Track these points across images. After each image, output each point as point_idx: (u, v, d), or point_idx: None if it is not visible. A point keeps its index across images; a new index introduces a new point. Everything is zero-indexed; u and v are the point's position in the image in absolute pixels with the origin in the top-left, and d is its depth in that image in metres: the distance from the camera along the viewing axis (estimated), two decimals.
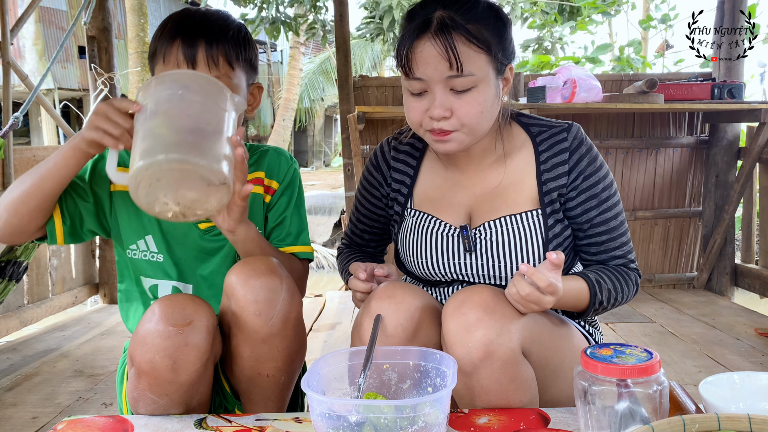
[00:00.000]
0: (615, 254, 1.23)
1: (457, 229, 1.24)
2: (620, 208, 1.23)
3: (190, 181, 1.00)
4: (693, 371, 2.45)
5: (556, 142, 1.22)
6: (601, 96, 3.27)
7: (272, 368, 1.16)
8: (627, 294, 1.22)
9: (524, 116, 1.29)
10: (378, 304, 1.10)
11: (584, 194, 1.21)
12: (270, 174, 1.34)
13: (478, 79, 1.11)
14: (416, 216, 1.29)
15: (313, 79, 17.69)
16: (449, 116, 1.12)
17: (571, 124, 1.23)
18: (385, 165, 1.35)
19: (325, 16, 7.93)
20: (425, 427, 0.85)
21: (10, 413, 2.13)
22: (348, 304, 3.69)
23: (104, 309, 3.68)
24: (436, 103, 1.11)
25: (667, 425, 0.74)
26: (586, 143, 1.22)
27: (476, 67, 1.10)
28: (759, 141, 3.42)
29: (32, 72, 11.00)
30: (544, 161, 1.22)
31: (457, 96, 1.11)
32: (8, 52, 3.06)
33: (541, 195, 1.22)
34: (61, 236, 1.23)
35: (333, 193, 10.30)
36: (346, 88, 3.66)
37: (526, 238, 1.20)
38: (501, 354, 1.01)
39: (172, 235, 1.30)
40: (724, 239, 3.72)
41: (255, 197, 1.34)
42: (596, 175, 1.21)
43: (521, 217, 1.21)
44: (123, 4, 12.92)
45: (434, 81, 1.11)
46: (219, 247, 1.32)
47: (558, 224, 1.22)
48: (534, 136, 1.24)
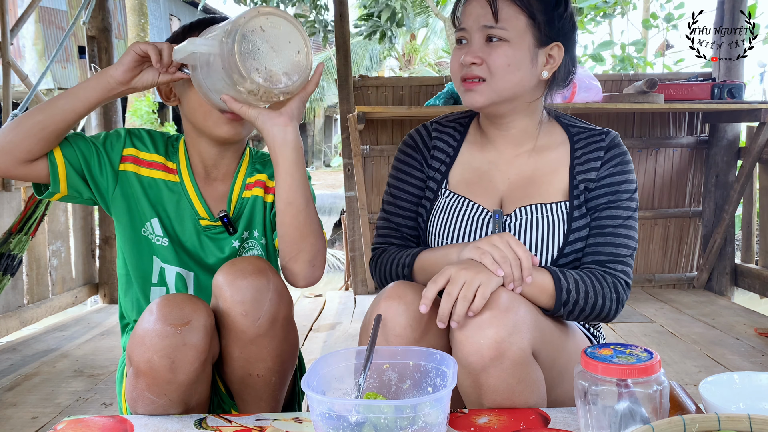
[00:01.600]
0: (599, 258, 1.20)
1: (489, 213, 1.25)
2: (633, 217, 1.22)
3: (286, 44, 1.08)
4: (693, 371, 2.45)
5: (592, 141, 1.27)
6: (601, 96, 3.27)
7: (262, 369, 1.15)
8: (602, 294, 1.15)
9: (566, 117, 1.34)
10: (387, 303, 1.10)
11: (605, 188, 1.23)
12: (272, 176, 1.34)
13: (512, 35, 1.18)
14: (450, 197, 1.29)
15: None
16: (479, 63, 1.19)
17: (610, 130, 1.28)
18: (425, 146, 1.35)
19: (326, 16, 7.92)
20: (425, 427, 0.85)
21: (10, 413, 2.13)
22: (348, 304, 3.69)
23: (104, 309, 3.68)
24: (470, 49, 1.20)
25: (667, 425, 0.74)
26: (621, 147, 1.26)
27: (512, 24, 1.18)
28: (759, 141, 3.42)
29: (32, 72, 11.00)
30: (579, 157, 1.26)
31: (490, 46, 1.19)
32: (8, 52, 3.06)
33: (571, 188, 1.24)
34: (64, 182, 1.21)
35: (333, 193, 10.29)
36: (346, 88, 3.66)
37: (551, 228, 1.22)
38: (512, 353, 1.00)
39: (174, 220, 1.31)
40: (724, 239, 3.72)
41: (256, 199, 1.34)
42: (623, 176, 1.24)
43: (551, 207, 1.23)
44: (123, 4, 12.92)
45: (473, 30, 1.20)
46: (219, 243, 1.32)
47: (582, 218, 1.23)
48: (572, 135, 1.29)
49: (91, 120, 3.56)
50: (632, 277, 1.23)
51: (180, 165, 1.32)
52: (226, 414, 1.11)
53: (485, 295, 1.02)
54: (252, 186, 1.34)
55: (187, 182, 1.32)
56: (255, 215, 1.33)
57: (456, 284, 1.03)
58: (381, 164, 3.79)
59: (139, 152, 1.30)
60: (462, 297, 1.02)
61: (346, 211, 3.86)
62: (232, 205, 1.34)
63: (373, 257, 1.35)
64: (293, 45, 1.09)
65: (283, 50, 1.09)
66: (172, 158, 1.33)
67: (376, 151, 3.74)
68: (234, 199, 1.34)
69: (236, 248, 1.34)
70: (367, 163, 3.74)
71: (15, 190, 3.11)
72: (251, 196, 1.34)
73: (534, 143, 1.29)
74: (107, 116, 3.65)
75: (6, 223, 3.05)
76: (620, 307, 1.19)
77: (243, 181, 1.34)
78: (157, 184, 1.31)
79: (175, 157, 1.33)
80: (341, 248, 8.63)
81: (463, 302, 1.02)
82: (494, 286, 1.04)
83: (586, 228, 1.23)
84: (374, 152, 3.73)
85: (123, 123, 4.44)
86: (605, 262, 1.20)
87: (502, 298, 1.03)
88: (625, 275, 1.20)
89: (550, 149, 1.28)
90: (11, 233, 2.62)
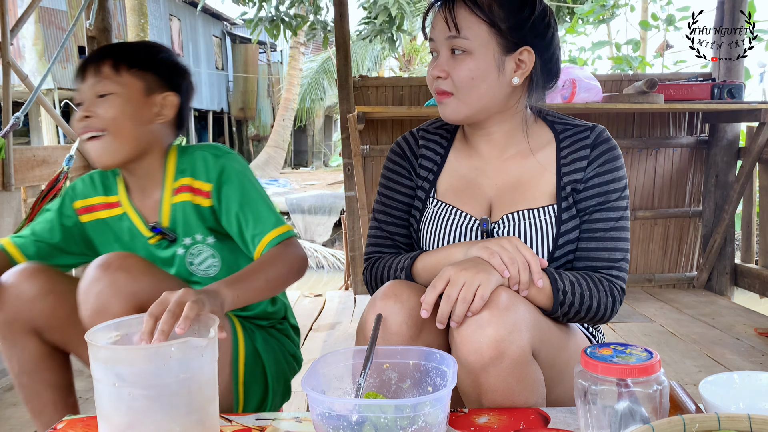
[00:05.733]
0: (593, 264, 1.19)
1: (477, 222, 1.24)
2: (624, 217, 1.21)
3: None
4: (693, 371, 2.45)
5: (578, 140, 1.24)
6: (600, 96, 3.27)
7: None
8: (598, 297, 1.15)
9: (551, 114, 1.31)
10: (383, 302, 1.10)
11: (593, 189, 1.21)
12: (197, 176, 1.33)
13: (474, 46, 1.16)
14: (438, 206, 1.28)
15: (316, 79, 17.70)
16: (445, 77, 1.19)
17: (596, 125, 1.25)
18: (412, 154, 1.34)
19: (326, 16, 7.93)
20: (425, 427, 0.85)
21: (10, 413, 2.13)
22: (348, 304, 3.69)
23: None
24: (437, 63, 1.20)
25: (667, 425, 0.74)
26: (609, 143, 1.23)
27: (473, 34, 1.16)
28: (759, 141, 3.42)
29: (32, 72, 11.00)
30: (565, 156, 1.24)
31: (454, 59, 1.18)
32: (8, 52, 3.06)
33: (558, 190, 1.22)
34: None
35: (333, 193, 10.29)
36: (346, 88, 3.66)
37: (540, 233, 1.20)
38: (511, 353, 1.00)
39: (130, 247, 1.37)
40: (724, 239, 3.72)
41: (185, 205, 1.33)
42: (611, 174, 1.21)
43: (538, 212, 1.21)
44: (123, 4, 12.92)
45: (439, 42, 1.20)
46: (166, 254, 1.36)
47: (571, 220, 1.21)
48: (558, 134, 1.26)
49: None
50: (627, 280, 1.22)
51: (120, 193, 1.38)
52: (226, 414, 1.11)
53: (484, 296, 1.02)
54: (179, 191, 1.34)
55: (126, 207, 1.37)
56: (189, 220, 1.34)
57: (455, 286, 1.03)
58: (381, 164, 3.77)
59: (84, 201, 1.39)
60: (461, 299, 1.02)
61: (346, 211, 3.87)
62: (165, 214, 1.34)
63: (366, 266, 1.32)
64: None
65: None
66: (111, 192, 1.38)
67: (376, 151, 3.74)
68: (165, 208, 1.34)
69: (182, 255, 1.35)
70: (367, 163, 3.74)
71: (15, 190, 3.11)
72: (180, 202, 1.34)
73: (519, 147, 1.27)
74: None
75: (6, 223, 3.05)
76: (615, 311, 1.19)
77: (171, 188, 1.34)
78: (106, 223, 1.38)
79: (114, 188, 1.38)
80: (341, 248, 8.64)
81: (463, 304, 1.02)
82: (493, 285, 1.04)
83: (576, 230, 1.21)
84: (374, 152, 3.74)
85: None
86: (599, 268, 1.19)
87: (501, 297, 1.03)
88: (621, 280, 1.20)
89: (537, 151, 1.26)
90: None
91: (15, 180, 3.08)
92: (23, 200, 3.20)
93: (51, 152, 3.43)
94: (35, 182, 3.27)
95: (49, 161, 3.34)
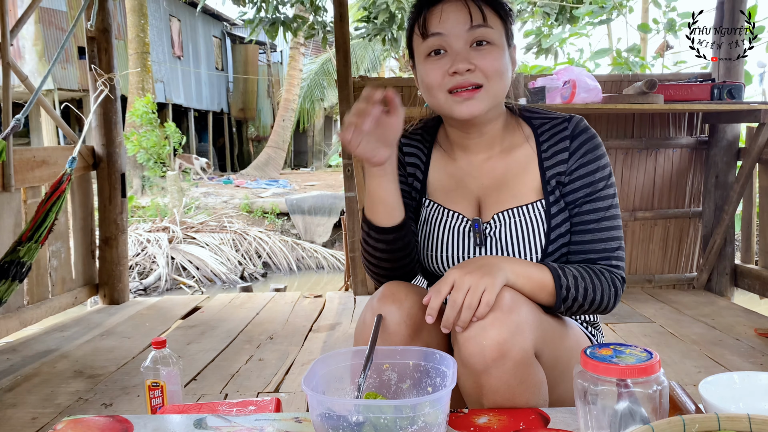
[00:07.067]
0: (590, 257, 1.19)
1: (469, 222, 1.24)
2: (613, 205, 1.20)
3: None
4: (693, 371, 2.45)
5: (557, 132, 1.23)
6: (600, 96, 3.27)
7: None
8: (601, 290, 1.15)
9: (528, 110, 1.30)
10: (380, 303, 1.10)
11: (579, 181, 1.20)
12: None
13: (497, 37, 1.15)
14: (431, 207, 1.29)
15: (316, 80, 17.71)
16: (474, 69, 1.13)
17: (573, 116, 1.24)
18: (400, 162, 1.33)
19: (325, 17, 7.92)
20: (425, 427, 0.85)
21: (10, 414, 2.13)
22: (348, 304, 3.69)
23: (104, 310, 3.68)
24: (459, 56, 1.13)
25: (667, 425, 0.74)
26: (588, 132, 1.22)
27: (496, 24, 1.15)
28: (759, 141, 3.42)
29: (32, 73, 11.00)
30: (545, 150, 1.23)
31: (478, 50, 1.13)
32: (8, 52, 3.06)
33: (544, 184, 1.22)
34: None
35: (333, 194, 10.29)
36: (346, 88, 3.66)
37: (531, 230, 1.20)
38: (514, 354, 1.00)
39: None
40: (724, 239, 3.72)
41: None
42: (594, 164, 1.20)
43: (527, 208, 1.21)
44: (123, 5, 12.93)
45: (453, 35, 1.13)
46: None
47: (560, 213, 1.21)
48: (536, 128, 1.26)
49: (92, 121, 3.56)
50: (627, 281, 1.21)
51: None
52: (226, 414, 1.11)
53: (490, 302, 1.01)
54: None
55: None
56: None
57: (461, 291, 1.02)
58: None
59: None
60: (467, 306, 1.01)
61: (346, 212, 3.86)
62: None
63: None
64: None
65: None
66: None
67: None
68: None
69: None
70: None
71: (15, 190, 3.11)
72: None
73: (502, 145, 1.26)
74: (107, 117, 3.66)
75: (6, 224, 3.05)
76: (617, 300, 1.19)
77: None
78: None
79: None
80: (341, 249, 8.64)
81: (468, 311, 1.01)
82: (498, 289, 1.03)
83: (566, 223, 1.21)
84: None
85: (123, 123, 4.44)
86: (597, 260, 1.19)
87: (505, 298, 1.03)
88: (620, 269, 1.19)
89: (517, 147, 1.25)
90: (21, 241, 2.62)
91: (15, 181, 3.08)
92: (23, 201, 3.20)
93: (51, 153, 3.43)
94: (35, 183, 3.27)
95: (49, 162, 3.34)
